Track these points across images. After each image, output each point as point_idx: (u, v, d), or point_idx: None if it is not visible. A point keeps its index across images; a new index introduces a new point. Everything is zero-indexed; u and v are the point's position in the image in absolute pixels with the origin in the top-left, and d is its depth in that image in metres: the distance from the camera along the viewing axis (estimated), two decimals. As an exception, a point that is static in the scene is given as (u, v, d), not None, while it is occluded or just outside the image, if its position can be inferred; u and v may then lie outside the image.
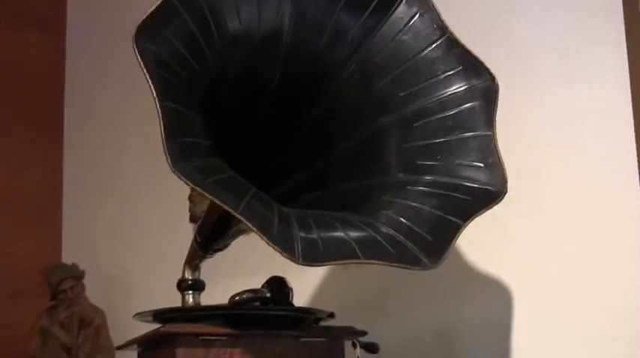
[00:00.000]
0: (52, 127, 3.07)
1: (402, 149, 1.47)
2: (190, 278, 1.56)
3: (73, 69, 3.09)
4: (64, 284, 2.57)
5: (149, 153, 2.38)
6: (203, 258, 1.57)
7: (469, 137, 1.44)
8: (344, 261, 1.24)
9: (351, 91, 1.52)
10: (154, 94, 1.22)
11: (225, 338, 1.34)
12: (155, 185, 2.59)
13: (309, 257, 1.21)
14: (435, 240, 1.33)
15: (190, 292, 1.55)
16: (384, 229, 1.34)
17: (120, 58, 2.54)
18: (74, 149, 3.07)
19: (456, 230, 1.34)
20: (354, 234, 1.31)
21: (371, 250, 1.28)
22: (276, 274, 1.43)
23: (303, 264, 1.20)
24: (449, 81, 1.48)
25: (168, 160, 1.18)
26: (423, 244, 1.32)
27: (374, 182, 1.47)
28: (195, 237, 1.57)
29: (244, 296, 1.40)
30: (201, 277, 1.57)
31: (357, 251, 1.26)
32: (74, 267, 2.64)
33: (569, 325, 1.62)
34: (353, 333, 1.44)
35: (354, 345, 1.46)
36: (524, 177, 1.57)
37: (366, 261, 1.25)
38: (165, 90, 1.24)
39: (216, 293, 1.54)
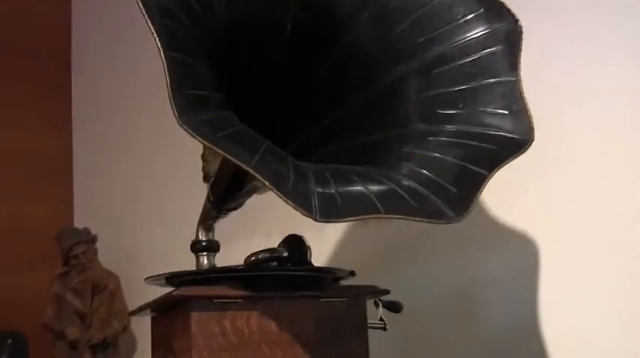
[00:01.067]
0: (62, 86, 3.00)
1: (421, 98, 1.40)
2: (204, 239, 1.50)
3: (83, 28, 3.02)
4: (75, 249, 2.53)
5: (162, 113, 2.32)
6: (217, 218, 1.51)
7: (492, 83, 1.37)
8: (364, 216, 1.17)
9: (366, 38, 1.44)
10: (159, 44, 1.15)
11: (240, 301, 1.27)
12: (168, 146, 2.53)
13: (327, 213, 1.15)
14: (459, 192, 1.26)
15: (204, 253, 1.50)
16: (405, 182, 1.27)
17: (132, 15, 2.48)
18: (85, 110, 3.01)
19: (481, 181, 1.27)
20: (373, 187, 1.24)
21: (392, 204, 1.21)
22: (293, 233, 1.36)
23: (320, 221, 1.14)
24: (469, 25, 1.40)
25: (175, 113, 1.11)
26: (447, 196, 1.25)
27: (393, 133, 1.40)
28: (208, 197, 1.51)
29: (260, 256, 1.34)
30: (216, 238, 1.50)
31: (378, 205, 1.19)
32: (86, 231, 2.59)
33: (594, 278, 1.56)
34: (375, 292, 1.38)
35: (376, 305, 1.40)
36: (548, 125, 1.49)
37: (387, 216, 1.18)
38: (171, 40, 1.17)
39: (232, 254, 1.48)
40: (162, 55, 1.15)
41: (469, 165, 1.29)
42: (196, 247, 1.50)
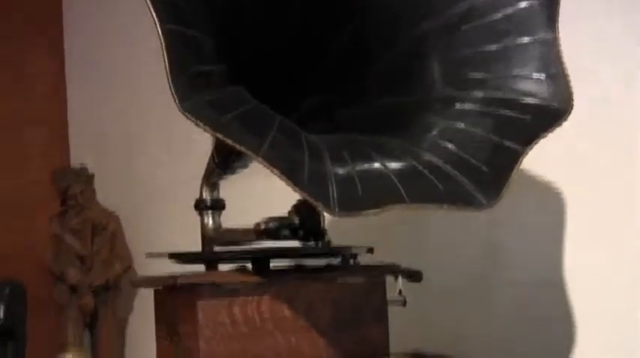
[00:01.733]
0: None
1: (447, 59, 1.27)
2: (209, 197, 1.39)
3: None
4: (72, 189, 2.44)
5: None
6: (222, 175, 1.40)
7: (527, 43, 1.24)
8: (387, 208, 1.05)
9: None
10: (154, 17, 1.02)
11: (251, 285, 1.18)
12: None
13: (347, 205, 1.03)
14: (491, 172, 1.14)
15: (209, 212, 1.38)
16: (429, 157, 1.16)
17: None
18: (77, 38, 2.87)
19: (515, 158, 1.15)
20: (394, 165, 1.13)
21: (416, 188, 1.10)
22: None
23: (340, 216, 1.02)
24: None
25: (175, 99, 0.99)
26: (477, 177, 1.14)
27: (416, 99, 1.28)
28: (212, 157, 1.39)
29: (270, 225, 1.23)
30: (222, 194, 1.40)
31: (402, 191, 1.08)
32: (83, 169, 2.49)
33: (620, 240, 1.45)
34: (397, 271, 1.27)
35: (395, 277, 1.30)
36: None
37: (413, 206, 1.06)
38: (170, 12, 1.04)
39: (239, 212, 1.36)
40: (159, 29, 1.01)
41: (501, 140, 1.17)
42: (201, 206, 1.38)
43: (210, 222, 1.39)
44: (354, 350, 1.22)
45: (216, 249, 1.33)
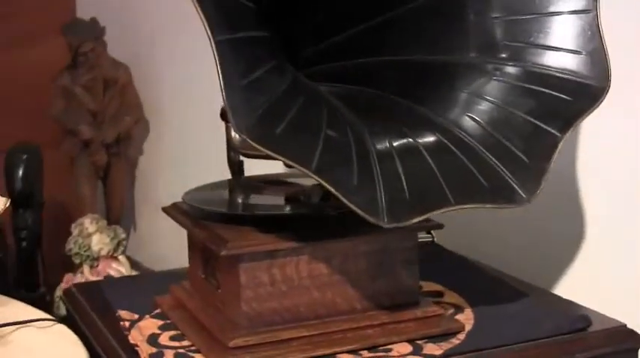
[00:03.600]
0: None
1: (482, 20, 1.25)
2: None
3: None
4: (84, 47, 2.41)
5: None
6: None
7: (567, 13, 1.23)
8: (434, 212, 1.09)
9: None
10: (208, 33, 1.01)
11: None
12: None
13: (396, 214, 1.07)
14: (530, 161, 1.16)
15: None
16: (465, 139, 1.18)
17: None
18: None
19: (555, 145, 1.17)
20: (433, 152, 1.15)
21: (459, 185, 1.13)
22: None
23: (388, 226, 1.06)
24: None
25: (234, 124, 1.00)
26: (518, 168, 1.16)
27: (446, 60, 1.26)
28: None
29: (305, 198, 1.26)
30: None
31: (446, 191, 1.11)
32: (93, 22, 2.46)
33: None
34: (430, 228, 1.31)
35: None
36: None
37: (457, 207, 1.10)
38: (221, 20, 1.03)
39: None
40: (213, 45, 1.01)
41: (541, 124, 1.18)
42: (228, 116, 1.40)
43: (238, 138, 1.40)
44: (386, 297, 1.28)
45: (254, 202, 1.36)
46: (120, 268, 2.50)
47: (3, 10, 2.70)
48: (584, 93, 1.20)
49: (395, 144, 1.16)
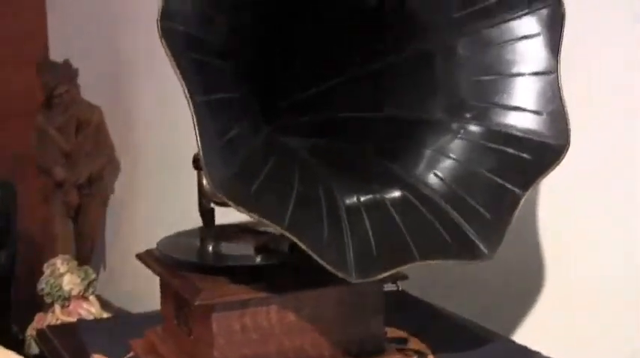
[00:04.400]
0: None
1: (450, 83, 1.31)
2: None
3: None
4: (59, 89, 2.45)
5: None
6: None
7: (529, 75, 1.28)
8: (399, 268, 1.14)
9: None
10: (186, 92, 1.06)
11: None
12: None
13: (364, 270, 1.12)
14: (493, 218, 1.21)
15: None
16: (432, 196, 1.23)
17: None
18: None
19: (516, 203, 1.22)
20: (399, 208, 1.19)
21: (424, 241, 1.17)
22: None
23: (356, 281, 1.11)
24: (509, 3, 1.29)
25: (211, 184, 1.04)
26: (480, 224, 1.21)
27: (416, 117, 1.32)
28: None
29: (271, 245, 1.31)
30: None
31: (412, 247, 1.16)
32: (66, 65, 2.50)
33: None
34: (395, 278, 1.36)
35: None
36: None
37: (424, 263, 1.15)
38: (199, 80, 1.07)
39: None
40: (192, 105, 1.06)
41: (503, 181, 1.23)
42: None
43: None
44: (353, 344, 1.32)
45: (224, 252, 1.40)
46: (90, 308, 2.53)
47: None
48: (545, 152, 1.25)
49: (363, 199, 1.21)
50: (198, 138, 1.05)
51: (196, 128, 1.05)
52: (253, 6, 1.21)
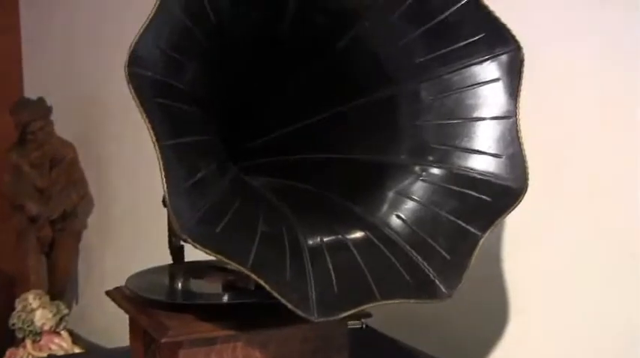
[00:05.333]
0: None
1: (413, 126, 1.34)
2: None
3: None
4: (32, 125, 2.47)
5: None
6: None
7: (489, 119, 1.32)
8: (360, 307, 1.17)
9: (366, 46, 1.35)
10: (153, 138, 1.09)
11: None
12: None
13: (325, 309, 1.15)
14: (453, 259, 1.24)
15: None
16: (395, 238, 1.26)
17: None
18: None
19: (475, 244, 1.25)
20: (362, 249, 1.23)
21: (385, 282, 1.20)
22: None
23: (319, 321, 1.13)
24: (471, 48, 1.32)
25: (178, 228, 1.07)
26: (440, 264, 1.24)
27: (379, 160, 1.35)
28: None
29: (239, 284, 1.33)
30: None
31: (373, 287, 1.19)
32: (40, 102, 2.52)
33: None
34: (359, 316, 1.39)
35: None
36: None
37: (385, 302, 1.18)
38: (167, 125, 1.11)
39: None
40: (158, 150, 1.09)
41: (463, 223, 1.27)
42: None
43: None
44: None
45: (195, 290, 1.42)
46: (62, 343, 2.54)
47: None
48: (504, 194, 1.28)
49: (326, 240, 1.24)
50: (164, 181, 1.08)
51: (162, 171, 1.08)
52: (222, 56, 1.24)
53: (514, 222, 1.38)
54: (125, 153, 2.55)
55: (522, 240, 1.56)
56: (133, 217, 2.57)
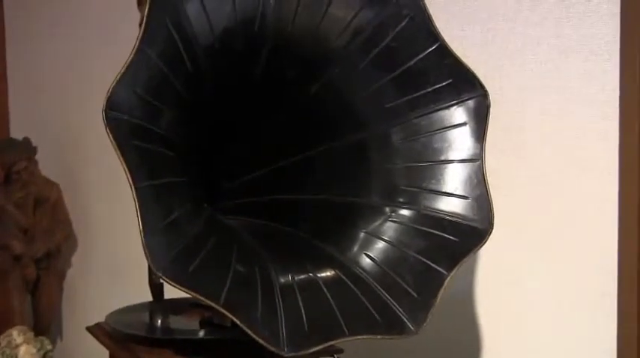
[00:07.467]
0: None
1: (383, 169, 1.39)
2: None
3: None
4: (17, 165, 2.51)
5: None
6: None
7: (456, 162, 1.37)
8: (329, 343, 1.21)
9: (341, 86, 1.40)
10: (130, 181, 1.13)
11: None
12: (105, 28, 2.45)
13: (295, 344, 1.19)
14: (419, 297, 1.29)
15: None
16: (364, 277, 1.30)
17: None
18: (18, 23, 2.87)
19: (441, 282, 1.30)
20: (332, 287, 1.27)
21: (354, 318, 1.25)
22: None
23: (289, 356, 1.18)
24: (439, 94, 1.37)
25: (154, 267, 1.11)
26: (408, 303, 1.28)
27: (350, 201, 1.40)
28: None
29: (215, 321, 1.37)
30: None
31: (342, 323, 1.23)
32: (26, 142, 2.56)
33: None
34: (331, 352, 1.43)
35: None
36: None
37: (353, 338, 1.22)
38: (143, 168, 1.15)
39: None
40: (134, 191, 1.13)
41: (430, 263, 1.31)
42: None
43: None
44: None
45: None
46: (45, 379, 2.57)
47: None
48: (470, 234, 1.33)
49: (297, 278, 1.28)
50: (140, 222, 1.12)
51: (138, 212, 1.13)
52: (198, 101, 1.30)
53: (485, 263, 1.42)
54: (106, 193, 2.59)
55: (493, 281, 1.61)
56: (116, 256, 2.61)
